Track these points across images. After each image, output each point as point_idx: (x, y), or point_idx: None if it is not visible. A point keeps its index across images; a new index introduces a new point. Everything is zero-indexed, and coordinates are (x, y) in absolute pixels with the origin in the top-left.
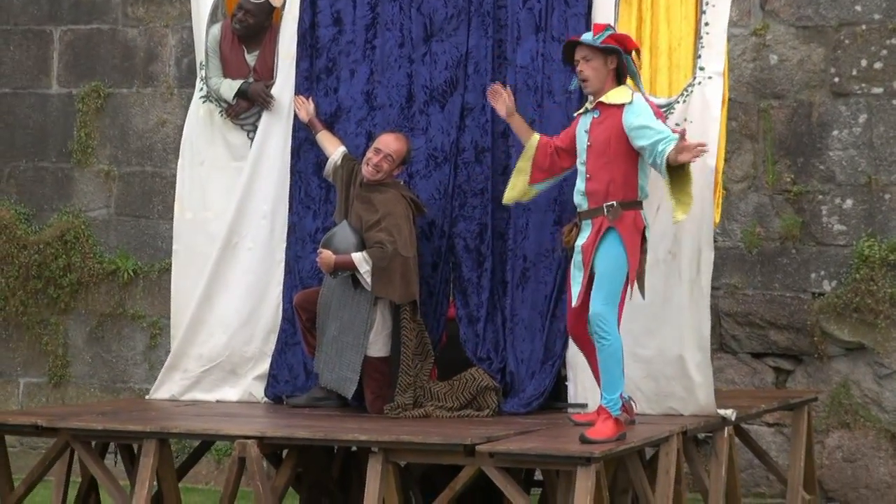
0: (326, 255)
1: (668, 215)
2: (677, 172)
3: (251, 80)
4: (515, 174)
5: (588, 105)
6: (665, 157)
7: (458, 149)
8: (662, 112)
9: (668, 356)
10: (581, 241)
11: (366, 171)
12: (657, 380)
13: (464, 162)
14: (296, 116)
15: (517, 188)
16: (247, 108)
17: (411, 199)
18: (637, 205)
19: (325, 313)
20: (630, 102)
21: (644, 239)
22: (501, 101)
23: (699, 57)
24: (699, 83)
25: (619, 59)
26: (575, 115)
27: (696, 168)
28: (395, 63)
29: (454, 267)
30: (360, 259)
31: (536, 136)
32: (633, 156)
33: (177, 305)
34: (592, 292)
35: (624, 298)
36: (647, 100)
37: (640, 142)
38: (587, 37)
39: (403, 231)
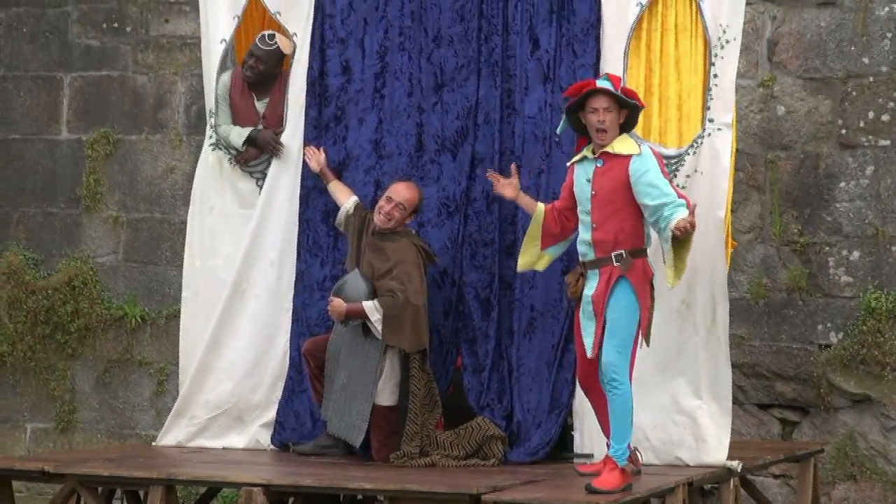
0: (337, 303)
1: None
2: (679, 240)
3: (260, 127)
4: (526, 242)
5: (587, 152)
6: (670, 225)
7: (468, 198)
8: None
9: (680, 406)
10: (590, 290)
11: (378, 219)
12: (667, 429)
13: (474, 212)
14: (305, 164)
15: (529, 254)
16: (256, 155)
17: (422, 247)
18: (644, 252)
19: (333, 361)
20: (639, 154)
21: (652, 287)
22: (508, 186)
23: (708, 108)
24: (709, 134)
25: (630, 113)
26: (568, 164)
27: (705, 219)
28: (403, 112)
29: (463, 316)
30: (371, 307)
31: (541, 206)
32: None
33: (185, 352)
34: (605, 341)
35: (636, 347)
36: (654, 152)
37: (644, 199)
38: (609, 86)
39: (414, 279)
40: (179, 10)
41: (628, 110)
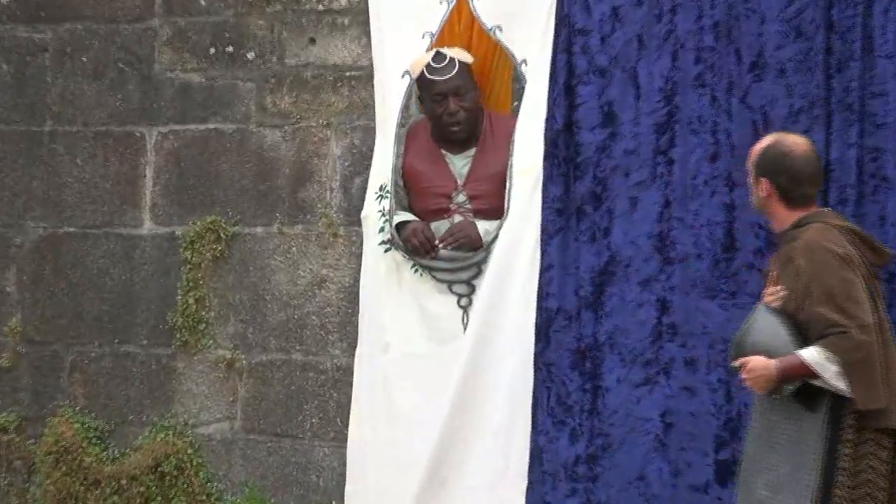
0: (756, 363)
1: None
2: None
3: (461, 196)
4: None
5: None
6: None
7: None
8: None
9: None
10: None
11: None
12: None
13: None
14: (549, 271)
15: None
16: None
17: (851, 230)
18: None
19: None
20: None
21: None
22: None
23: None
24: None
25: None
26: None
27: None
28: (704, 187)
29: None
30: (818, 357)
31: None
32: None
33: None
34: None
35: None
36: None
37: None
38: None
39: (859, 294)
40: (332, 22)
41: None
